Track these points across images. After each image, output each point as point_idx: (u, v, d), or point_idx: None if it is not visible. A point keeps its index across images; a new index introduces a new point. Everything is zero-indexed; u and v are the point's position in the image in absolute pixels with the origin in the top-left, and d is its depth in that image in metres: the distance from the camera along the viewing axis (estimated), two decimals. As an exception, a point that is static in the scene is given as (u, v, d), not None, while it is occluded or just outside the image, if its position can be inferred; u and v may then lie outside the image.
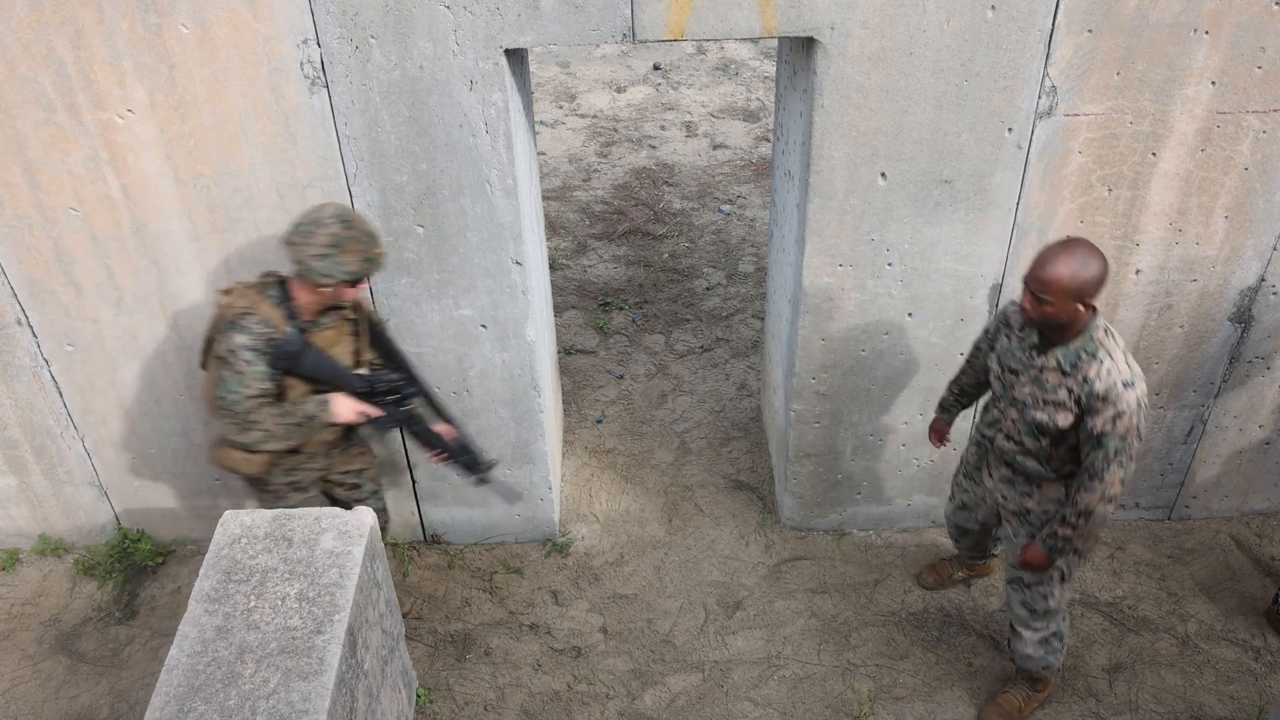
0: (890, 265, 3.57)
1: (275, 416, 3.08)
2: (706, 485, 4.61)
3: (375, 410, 3.26)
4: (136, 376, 3.82)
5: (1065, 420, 2.93)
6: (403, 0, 3.00)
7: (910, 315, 3.70)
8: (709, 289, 5.84)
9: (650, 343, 5.45)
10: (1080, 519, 2.99)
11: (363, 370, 3.31)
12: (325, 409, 3.16)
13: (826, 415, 3.97)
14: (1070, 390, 2.90)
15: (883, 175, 3.36)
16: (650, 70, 8.14)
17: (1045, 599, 3.31)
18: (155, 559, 4.25)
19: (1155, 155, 3.37)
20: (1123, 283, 3.66)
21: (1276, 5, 3.08)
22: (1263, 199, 3.48)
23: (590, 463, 4.73)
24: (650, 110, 7.62)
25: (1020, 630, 3.43)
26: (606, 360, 5.33)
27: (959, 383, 3.52)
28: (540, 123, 7.46)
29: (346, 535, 3.09)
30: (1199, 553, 4.25)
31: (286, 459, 3.28)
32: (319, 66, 3.12)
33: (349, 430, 3.41)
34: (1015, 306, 3.14)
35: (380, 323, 3.40)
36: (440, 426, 3.47)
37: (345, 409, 3.19)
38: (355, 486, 3.58)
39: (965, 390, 3.51)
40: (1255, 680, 3.78)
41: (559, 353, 5.31)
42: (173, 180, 3.34)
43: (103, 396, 3.88)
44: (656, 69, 8.14)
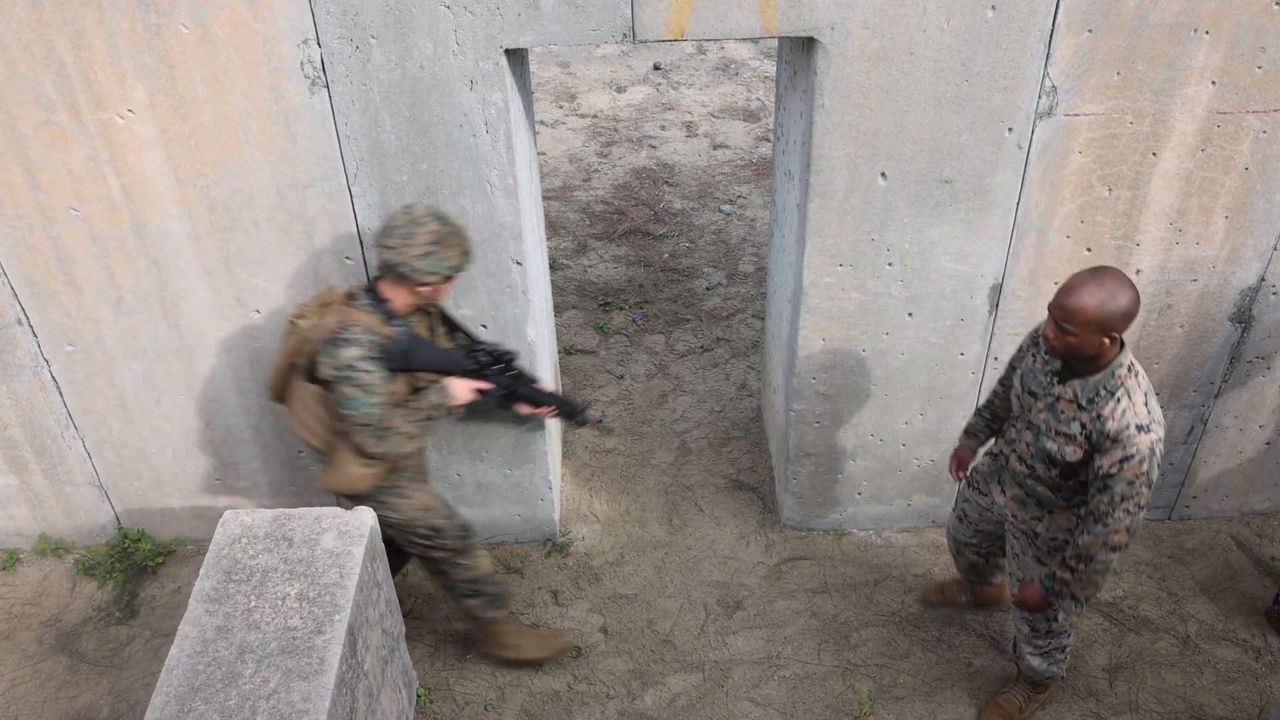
0: (890, 265, 3.57)
1: (405, 417, 3.08)
2: (706, 485, 4.61)
3: (487, 384, 3.28)
4: (136, 376, 3.82)
5: (1074, 455, 2.82)
6: (403, 0, 3.00)
7: (910, 315, 3.70)
8: (709, 289, 5.84)
9: (650, 343, 5.45)
10: (1080, 564, 2.87)
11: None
12: (445, 394, 3.18)
13: (827, 415, 3.97)
14: (1083, 425, 2.78)
15: (883, 175, 3.36)
16: (650, 70, 8.14)
17: (1048, 620, 3.27)
18: (155, 559, 4.25)
19: (1155, 155, 3.37)
20: (1123, 283, 3.66)
21: (1277, 5, 3.08)
22: (1263, 199, 3.48)
23: (590, 463, 4.73)
24: (650, 110, 7.62)
25: (1023, 645, 3.40)
26: (607, 360, 5.33)
27: (991, 406, 3.32)
28: (540, 123, 7.46)
29: (347, 535, 3.09)
30: (1199, 552, 4.25)
31: (388, 474, 3.27)
32: (319, 66, 3.12)
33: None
34: None
35: (446, 310, 3.42)
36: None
37: (462, 390, 3.21)
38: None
39: (998, 414, 3.31)
40: (1255, 680, 3.78)
41: (559, 353, 5.31)
42: (173, 180, 3.34)
43: (103, 396, 3.88)
44: (657, 69, 8.14)
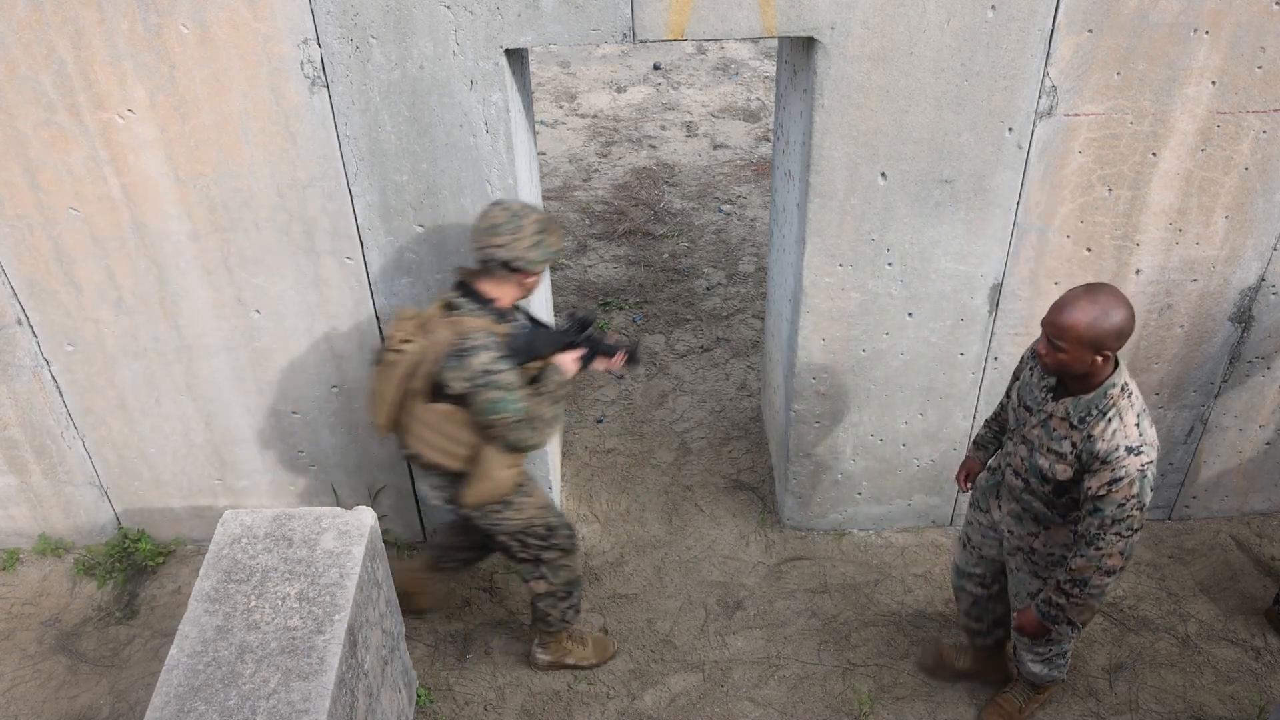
0: (890, 265, 3.57)
1: (544, 404, 3.10)
2: (706, 485, 4.61)
3: (581, 350, 3.27)
4: (136, 376, 3.82)
5: (1064, 473, 2.78)
6: (403, 0, 3.00)
7: (910, 315, 3.70)
8: (709, 289, 5.84)
9: (650, 342, 5.44)
10: (1075, 588, 2.81)
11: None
12: (561, 372, 3.18)
13: (826, 415, 3.97)
14: (1074, 444, 2.74)
15: (883, 175, 3.36)
16: (650, 70, 8.14)
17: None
18: (155, 559, 4.25)
19: (1155, 155, 3.37)
20: (1123, 283, 3.66)
21: (1277, 5, 3.08)
22: (1263, 199, 3.48)
23: (590, 463, 4.73)
24: (650, 110, 7.62)
25: (1023, 653, 3.38)
26: (607, 360, 5.33)
27: (999, 418, 3.28)
28: (540, 123, 7.46)
29: (347, 535, 3.09)
30: (1199, 552, 4.25)
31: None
32: (319, 66, 3.12)
33: None
34: None
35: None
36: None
37: (570, 363, 3.22)
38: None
39: (1005, 427, 3.24)
40: (1255, 680, 3.78)
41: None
42: (173, 180, 3.34)
43: (103, 396, 3.88)
44: (657, 69, 8.14)
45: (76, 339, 3.72)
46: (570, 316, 3.29)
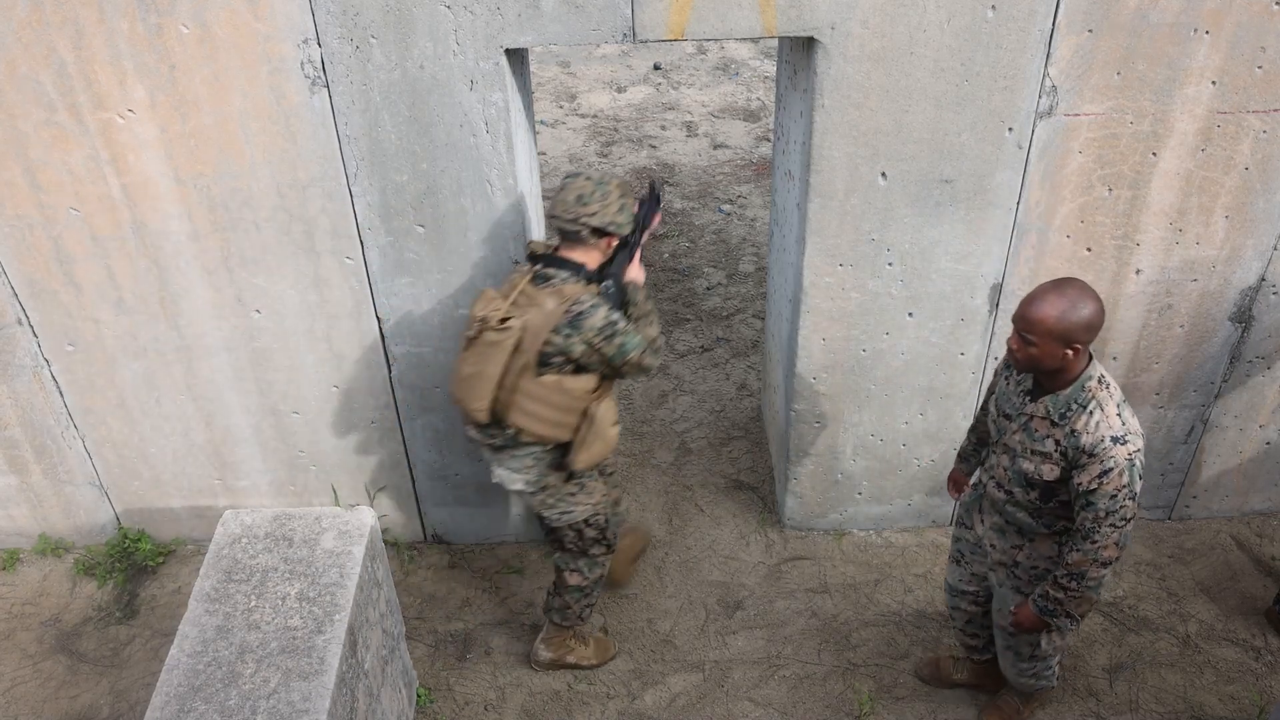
0: (890, 265, 3.57)
1: (647, 325, 3.28)
2: (706, 485, 4.61)
3: (635, 252, 3.39)
4: (136, 376, 3.82)
5: (1051, 473, 2.77)
6: (403, 0, 3.00)
7: (910, 315, 3.70)
8: (709, 289, 5.83)
9: (650, 343, 5.44)
10: (1072, 582, 2.82)
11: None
12: (638, 285, 3.34)
13: (827, 415, 3.97)
14: (1057, 442, 2.73)
15: (883, 175, 3.36)
16: (650, 70, 8.14)
17: (1031, 646, 3.19)
18: (155, 559, 4.25)
19: (1155, 155, 3.37)
20: (1123, 283, 3.66)
21: (1277, 5, 3.08)
22: (1263, 199, 3.48)
23: (590, 462, 4.73)
24: (651, 110, 7.62)
25: (1009, 670, 3.35)
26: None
27: (976, 430, 3.28)
28: (541, 122, 7.46)
29: (347, 535, 3.09)
30: (1199, 552, 4.25)
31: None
32: (319, 66, 3.12)
33: None
34: None
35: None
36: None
37: (637, 271, 3.37)
38: (612, 473, 3.76)
39: (984, 437, 3.25)
40: (1256, 680, 3.78)
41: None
42: (173, 180, 3.34)
43: (103, 396, 3.88)
44: (657, 69, 8.14)
45: (76, 339, 3.72)
46: (651, 188, 3.49)
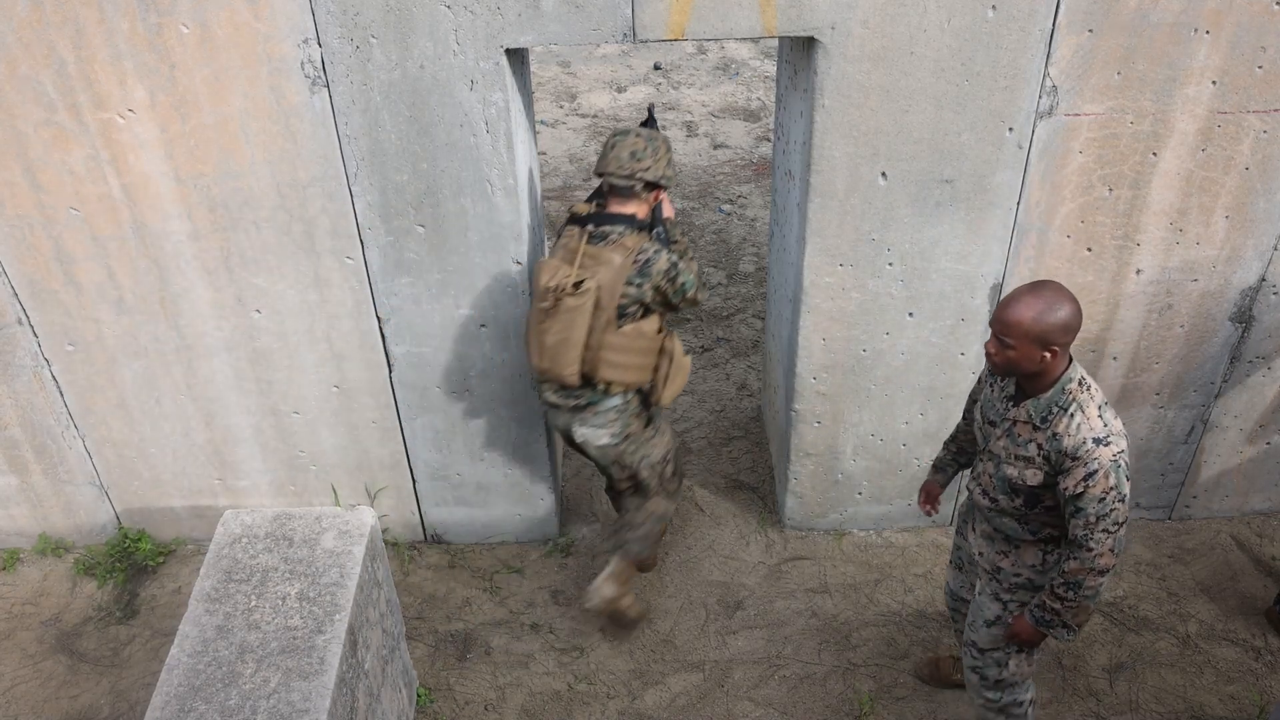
0: (891, 265, 3.57)
1: (691, 259, 3.50)
2: (706, 485, 4.61)
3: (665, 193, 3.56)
4: (136, 376, 3.82)
5: (1035, 478, 2.73)
6: (403, 0, 3.00)
7: (910, 315, 3.70)
8: (709, 289, 5.83)
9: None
10: (1069, 591, 2.75)
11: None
12: (673, 220, 3.53)
13: (827, 415, 3.97)
14: (1040, 446, 2.69)
15: (883, 175, 3.36)
16: (651, 70, 8.14)
17: (999, 667, 3.08)
18: (155, 559, 4.25)
19: (1156, 155, 3.37)
20: (1123, 282, 3.66)
21: (1277, 5, 3.08)
22: (1263, 199, 3.48)
23: (590, 463, 4.73)
24: (650, 110, 7.62)
25: (974, 698, 3.22)
26: (607, 360, 5.33)
27: (956, 440, 3.23)
28: (541, 122, 7.46)
29: (347, 535, 3.09)
30: (1199, 552, 4.25)
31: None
32: (319, 66, 3.12)
33: None
34: None
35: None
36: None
37: (669, 206, 3.53)
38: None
39: (963, 448, 3.22)
40: (1256, 680, 3.78)
41: (559, 352, 5.30)
42: (173, 180, 3.34)
43: (103, 396, 3.88)
44: (657, 68, 8.14)
45: (77, 339, 3.72)
46: (649, 112, 3.67)
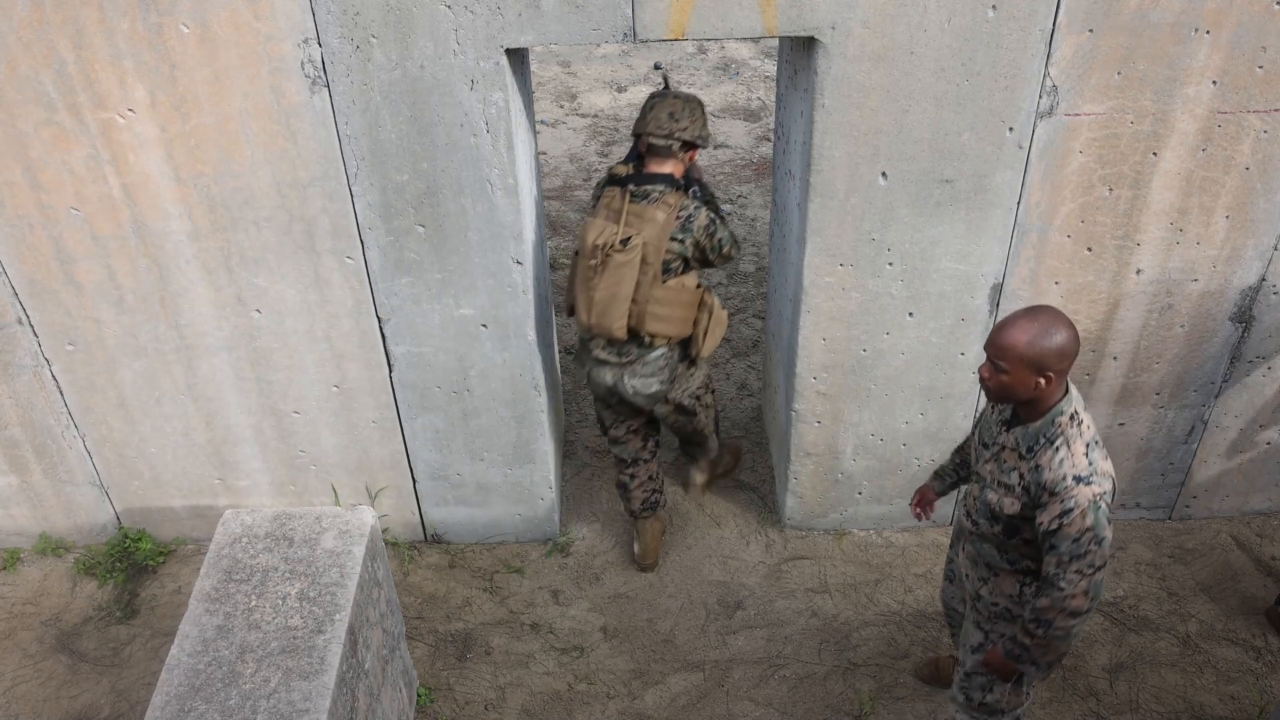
0: (891, 265, 3.57)
1: (723, 217, 3.67)
2: (707, 485, 4.61)
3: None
4: (137, 376, 3.82)
5: (1012, 507, 2.65)
6: (403, 0, 3.00)
7: (911, 315, 3.70)
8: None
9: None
10: (1039, 629, 2.64)
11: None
12: (704, 179, 3.70)
13: (827, 415, 3.97)
14: (1021, 476, 2.62)
15: (884, 175, 3.36)
16: (651, 69, 8.14)
17: (983, 691, 3.02)
18: (155, 558, 4.25)
19: (1156, 155, 3.37)
20: (1124, 282, 3.66)
21: (1278, 5, 3.08)
22: (1264, 198, 3.48)
23: (590, 463, 4.73)
24: (651, 110, 7.61)
25: (954, 712, 3.15)
26: (607, 360, 5.32)
27: (962, 451, 3.17)
28: (541, 122, 7.46)
29: (347, 535, 3.09)
30: (1200, 552, 4.25)
31: None
32: (320, 66, 3.12)
33: None
34: None
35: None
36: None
37: (697, 169, 3.69)
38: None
39: (967, 461, 3.14)
40: (1256, 680, 3.78)
41: (559, 353, 5.31)
42: (173, 179, 3.34)
43: (103, 396, 3.88)
44: (657, 68, 8.13)
45: (77, 338, 3.72)
46: (657, 68, 3.68)
